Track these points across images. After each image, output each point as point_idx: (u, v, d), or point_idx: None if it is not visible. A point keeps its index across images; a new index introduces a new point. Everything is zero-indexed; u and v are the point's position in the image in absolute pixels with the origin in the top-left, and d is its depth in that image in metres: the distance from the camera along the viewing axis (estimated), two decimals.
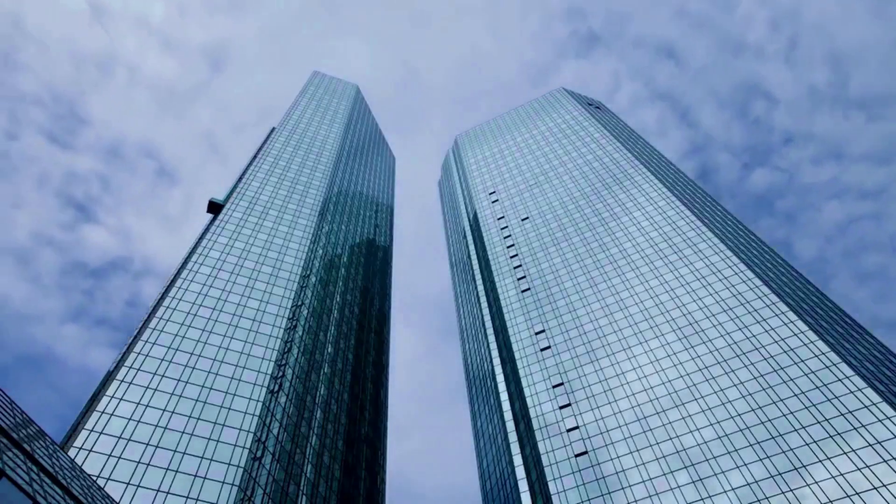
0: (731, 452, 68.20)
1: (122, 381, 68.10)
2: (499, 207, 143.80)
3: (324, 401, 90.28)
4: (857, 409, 65.67)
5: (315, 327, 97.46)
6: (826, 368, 71.55)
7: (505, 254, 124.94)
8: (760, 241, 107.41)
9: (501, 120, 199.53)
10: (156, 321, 78.45)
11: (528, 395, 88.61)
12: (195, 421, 67.03)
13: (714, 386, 76.52)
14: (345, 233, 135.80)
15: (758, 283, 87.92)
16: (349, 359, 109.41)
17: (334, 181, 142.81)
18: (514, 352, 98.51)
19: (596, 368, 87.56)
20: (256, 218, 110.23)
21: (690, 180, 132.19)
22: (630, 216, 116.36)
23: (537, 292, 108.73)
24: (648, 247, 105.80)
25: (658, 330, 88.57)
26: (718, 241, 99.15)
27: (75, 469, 36.39)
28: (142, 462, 60.12)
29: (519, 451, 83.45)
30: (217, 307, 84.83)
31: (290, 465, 72.25)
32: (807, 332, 77.04)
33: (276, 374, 78.50)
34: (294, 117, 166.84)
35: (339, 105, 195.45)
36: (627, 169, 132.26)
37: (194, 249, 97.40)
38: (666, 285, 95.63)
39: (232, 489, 60.83)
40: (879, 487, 58.07)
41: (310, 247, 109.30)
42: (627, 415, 78.62)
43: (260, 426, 70.02)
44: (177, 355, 74.53)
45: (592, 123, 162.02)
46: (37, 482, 25.74)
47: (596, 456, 75.39)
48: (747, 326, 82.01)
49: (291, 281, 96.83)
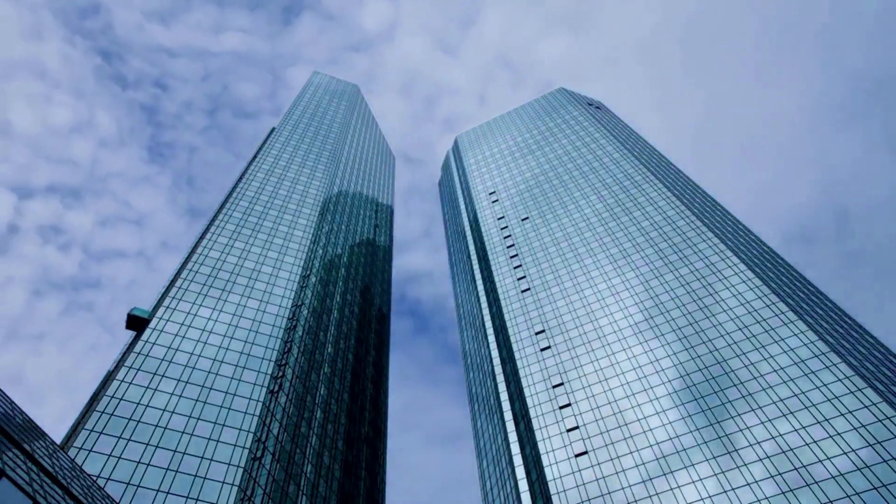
0: (730, 452, 68.21)
1: (122, 381, 68.11)
2: (499, 207, 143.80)
3: (324, 401, 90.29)
4: (857, 409, 65.69)
5: (315, 327, 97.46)
6: (826, 368, 71.56)
7: (505, 254, 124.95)
8: (760, 240, 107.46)
9: (501, 120, 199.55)
10: (156, 321, 78.42)
11: (528, 395, 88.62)
12: (195, 421, 67.04)
13: (714, 386, 76.54)
14: (345, 233, 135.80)
15: (758, 283, 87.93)
16: (349, 359, 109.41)
17: (334, 181, 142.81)
18: (514, 352, 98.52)
19: (596, 369, 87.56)
20: (256, 218, 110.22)
21: (691, 180, 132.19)
22: (630, 216, 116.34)
23: (537, 292, 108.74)
24: (649, 247, 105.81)
25: (658, 330, 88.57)
26: (718, 241, 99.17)
27: (75, 469, 36.39)
28: (142, 462, 60.13)
29: (519, 451, 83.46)
30: (217, 307, 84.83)
31: (290, 465, 72.26)
32: (807, 332, 77.05)
33: (276, 374, 78.50)
34: (294, 117, 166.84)
35: (339, 105, 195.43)
36: (627, 169, 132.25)
37: (195, 249, 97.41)
38: (666, 285, 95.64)
39: (232, 489, 60.84)
40: (879, 487, 58.08)
41: (310, 247, 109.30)
42: (627, 415, 78.62)
43: (260, 426, 70.03)
44: (177, 355, 74.54)
45: (592, 123, 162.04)
46: (37, 482, 25.74)
47: (596, 456, 75.40)
48: (747, 326, 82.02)
49: (291, 281, 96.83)
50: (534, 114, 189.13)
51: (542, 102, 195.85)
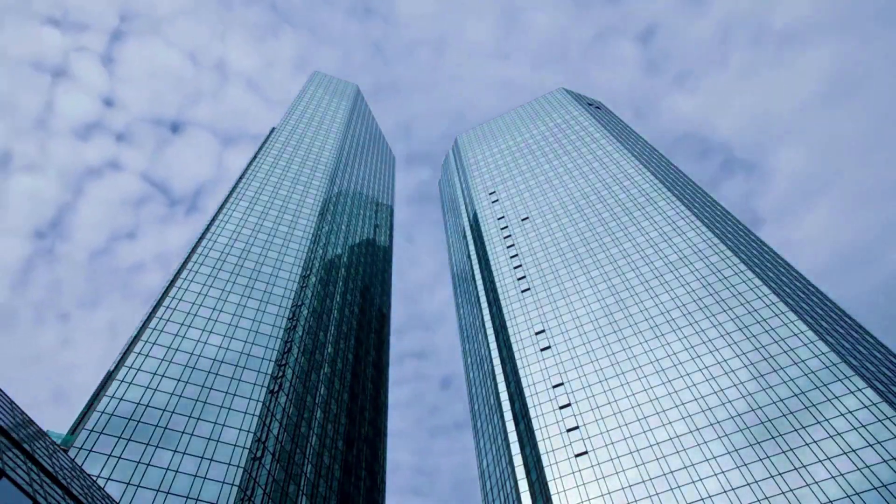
0: (730, 452, 68.21)
1: (122, 381, 68.13)
2: (499, 207, 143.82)
3: (324, 401, 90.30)
4: (857, 409, 65.68)
5: (315, 327, 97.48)
6: (826, 368, 71.56)
7: (505, 254, 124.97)
8: (760, 241, 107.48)
9: (501, 120, 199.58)
10: (156, 321, 78.47)
11: (528, 395, 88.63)
12: (195, 421, 67.06)
13: (714, 386, 76.53)
14: (345, 233, 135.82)
15: (758, 282, 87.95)
16: (349, 359, 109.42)
17: (334, 181, 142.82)
18: (514, 352, 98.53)
19: (596, 368, 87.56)
20: (256, 218, 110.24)
21: (690, 180, 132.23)
22: (630, 216, 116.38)
23: (537, 292, 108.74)
24: (648, 246, 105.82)
25: (658, 330, 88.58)
26: (718, 242, 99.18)
27: (75, 469, 36.39)
28: (142, 462, 60.15)
29: (519, 451, 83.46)
30: (217, 307, 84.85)
31: (290, 465, 72.27)
32: (807, 332, 77.06)
33: (276, 374, 78.52)
34: (294, 117, 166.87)
35: (340, 105, 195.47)
36: (627, 169, 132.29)
37: (194, 249, 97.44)
38: (666, 285, 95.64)
39: (232, 489, 60.86)
40: (879, 487, 58.08)
41: (310, 247, 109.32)
42: (627, 415, 78.62)
43: (260, 426, 70.04)
44: (177, 355, 74.56)
45: (592, 123, 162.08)
46: (37, 482, 25.75)
47: (596, 456, 75.40)
48: (747, 326, 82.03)
49: (291, 281, 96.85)
50: (534, 114, 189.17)
51: (543, 102, 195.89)
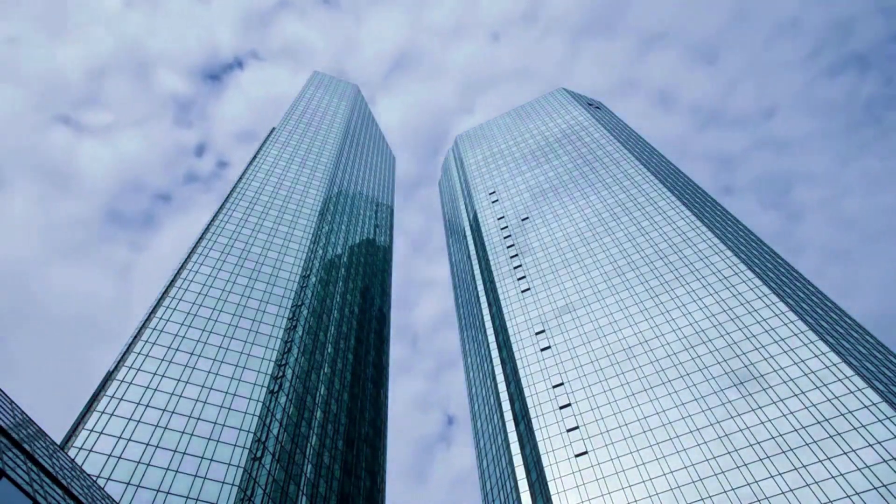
0: (730, 452, 68.19)
1: (122, 381, 68.11)
2: (499, 207, 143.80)
3: (324, 401, 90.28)
4: (858, 409, 65.67)
5: (315, 327, 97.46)
6: (826, 368, 71.55)
7: (505, 254, 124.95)
8: (760, 241, 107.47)
9: (501, 120, 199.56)
10: (156, 321, 78.45)
11: (528, 395, 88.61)
12: (195, 421, 67.04)
13: (714, 386, 76.53)
14: (345, 233, 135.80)
15: (758, 283, 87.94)
16: (349, 359, 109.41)
17: (334, 181, 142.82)
18: (514, 352, 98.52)
19: (596, 369, 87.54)
20: (256, 218, 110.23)
21: (690, 180, 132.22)
22: (630, 216, 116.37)
23: (537, 292, 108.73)
24: (648, 247, 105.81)
25: (658, 330, 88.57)
26: (718, 242, 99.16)
27: (75, 469, 36.38)
28: (142, 462, 60.13)
29: (519, 451, 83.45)
30: (217, 307, 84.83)
31: (290, 465, 72.25)
32: (807, 333, 77.05)
33: (276, 374, 78.51)
34: (294, 117, 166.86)
35: (339, 105, 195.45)
36: (627, 169, 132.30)
37: (194, 249, 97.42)
38: (666, 285, 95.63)
39: (232, 489, 60.85)
40: (879, 487, 58.07)
41: (310, 247, 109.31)
42: (627, 415, 78.60)
43: (260, 426, 70.03)
44: (177, 355, 74.55)
45: (592, 123, 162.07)
46: (37, 482, 25.74)
47: (596, 456, 75.39)
48: (747, 327, 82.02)
49: (291, 281, 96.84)
50: (534, 114, 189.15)
51: (542, 102, 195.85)
